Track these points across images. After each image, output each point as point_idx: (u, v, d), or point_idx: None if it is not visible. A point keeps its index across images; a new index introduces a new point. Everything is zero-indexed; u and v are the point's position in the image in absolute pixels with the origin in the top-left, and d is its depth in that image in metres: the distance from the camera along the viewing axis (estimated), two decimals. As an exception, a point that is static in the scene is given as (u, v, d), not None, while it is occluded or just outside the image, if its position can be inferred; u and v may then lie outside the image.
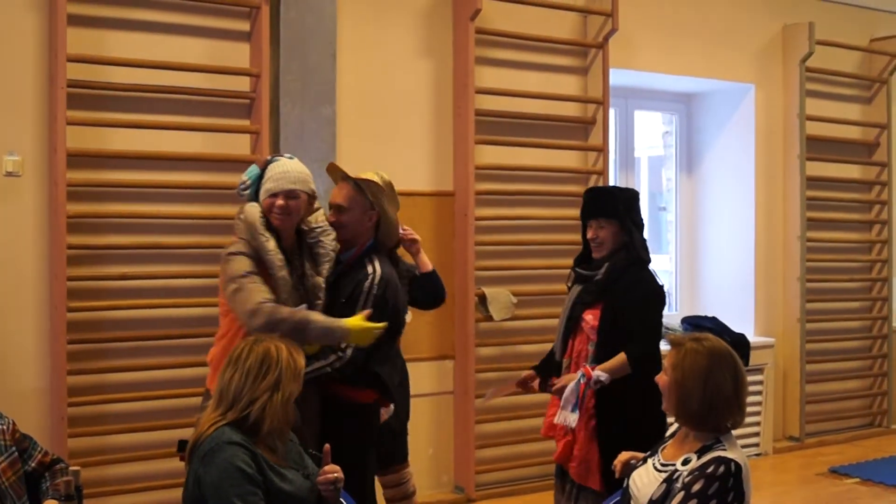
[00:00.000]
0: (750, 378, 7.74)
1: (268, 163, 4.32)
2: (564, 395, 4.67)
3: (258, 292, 4.02)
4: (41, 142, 5.39)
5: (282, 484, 3.42)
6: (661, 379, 3.52)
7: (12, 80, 5.35)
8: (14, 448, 3.65)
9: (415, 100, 6.63)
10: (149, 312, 5.64)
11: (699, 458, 3.37)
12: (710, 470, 3.31)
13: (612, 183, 7.52)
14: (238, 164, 5.90)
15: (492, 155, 6.85)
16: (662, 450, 3.60)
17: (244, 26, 5.96)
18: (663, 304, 4.84)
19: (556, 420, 4.74)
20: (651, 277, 4.83)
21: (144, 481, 5.59)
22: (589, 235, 4.86)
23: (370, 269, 4.39)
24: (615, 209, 4.80)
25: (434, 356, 6.57)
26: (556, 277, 7.03)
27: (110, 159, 5.57)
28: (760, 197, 8.34)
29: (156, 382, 5.63)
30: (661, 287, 4.85)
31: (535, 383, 5.05)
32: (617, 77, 7.45)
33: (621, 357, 4.62)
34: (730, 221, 8.45)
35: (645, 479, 3.51)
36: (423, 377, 6.37)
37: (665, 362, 3.53)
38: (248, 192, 4.30)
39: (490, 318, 6.74)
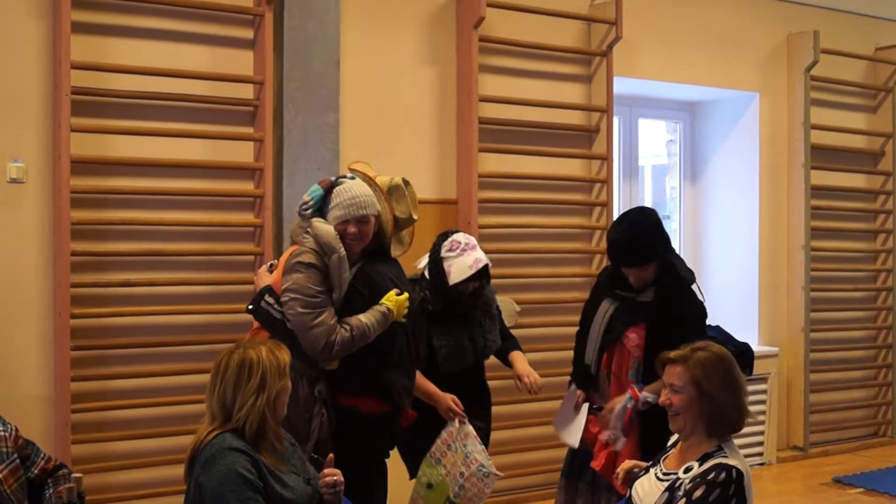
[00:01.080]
0: (754, 387, 7.92)
1: (332, 185, 4.36)
2: (613, 418, 4.65)
3: (328, 326, 4.16)
4: (45, 148, 5.39)
5: (282, 490, 3.42)
6: (675, 399, 3.47)
7: (17, 86, 5.35)
8: (16, 455, 3.65)
9: (418, 107, 6.63)
10: (152, 319, 5.63)
11: (701, 465, 3.37)
12: (710, 476, 3.31)
13: (615, 191, 7.48)
14: (241, 171, 5.93)
15: (495, 163, 6.85)
16: (664, 459, 3.60)
17: (248, 34, 5.96)
18: (706, 322, 4.86)
19: (602, 438, 4.73)
20: (695, 297, 4.81)
21: (147, 488, 5.58)
22: (632, 281, 4.74)
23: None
24: (653, 254, 4.69)
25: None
26: (560, 286, 7.06)
27: (114, 166, 5.57)
28: (764, 206, 8.33)
29: (159, 389, 5.63)
30: (703, 306, 4.85)
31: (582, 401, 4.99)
32: (621, 85, 7.45)
33: None
34: (734, 230, 8.44)
35: (647, 488, 3.51)
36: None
37: (671, 381, 3.50)
38: (309, 212, 4.35)
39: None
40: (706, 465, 3.36)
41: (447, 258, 4.80)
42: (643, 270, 4.71)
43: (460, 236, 4.89)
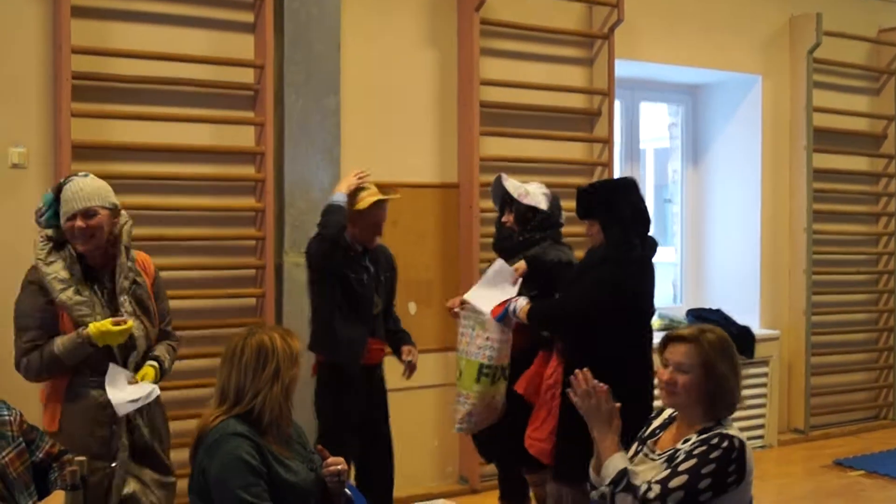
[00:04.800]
0: (755, 370, 7.93)
1: (61, 186, 4.17)
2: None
3: (21, 346, 4.09)
4: (46, 134, 5.39)
5: (286, 475, 3.43)
6: (680, 379, 3.43)
7: (17, 72, 5.35)
8: (21, 439, 3.67)
9: (419, 90, 6.62)
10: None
11: (700, 436, 3.37)
12: (714, 441, 3.30)
13: (616, 175, 7.48)
14: (243, 155, 5.93)
15: (496, 146, 6.84)
16: (655, 441, 3.57)
17: (248, 17, 5.95)
18: (613, 301, 4.53)
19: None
20: (610, 275, 4.55)
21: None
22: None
23: None
24: (589, 210, 4.68)
25: (438, 347, 6.55)
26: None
27: (115, 151, 5.57)
28: (767, 189, 8.32)
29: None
30: (617, 288, 4.55)
31: None
32: (622, 68, 7.43)
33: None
34: (736, 213, 8.43)
35: (641, 468, 3.48)
36: (427, 369, 6.34)
37: (678, 360, 3.46)
38: (44, 218, 4.18)
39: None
40: (706, 434, 3.36)
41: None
42: (588, 226, 4.71)
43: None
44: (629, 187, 4.73)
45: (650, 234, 4.72)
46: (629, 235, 4.58)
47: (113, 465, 4.08)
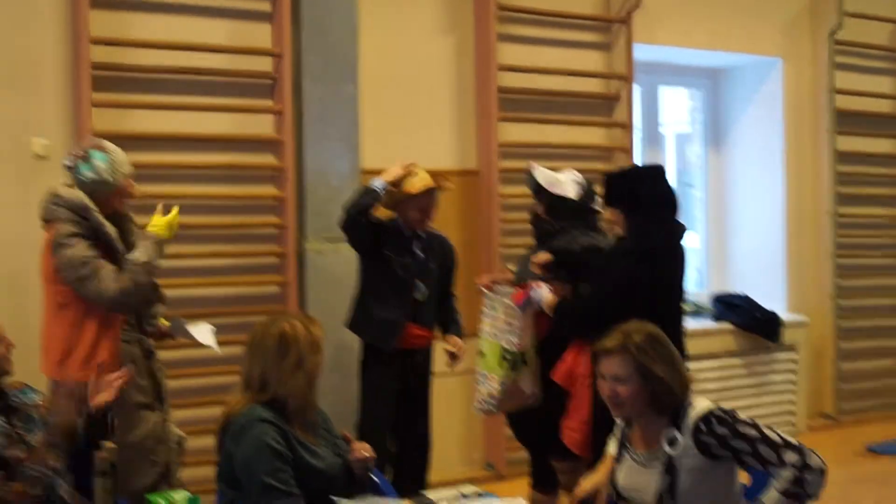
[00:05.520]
0: (783, 356, 7.90)
1: (99, 147, 4.36)
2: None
3: (111, 271, 4.17)
4: (67, 124, 5.44)
5: (312, 461, 3.45)
6: (622, 390, 3.36)
7: (38, 63, 5.40)
8: (48, 420, 3.71)
9: (437, 77, 6.62)
10: (176, 292, 5.59)
11: (682, 431, 3.29)
12: (712, 420, 3.23)
13: (636, 160, 7.44)
14: (262, 143, 5.94)
15: (516, 132, 6.83)
16: (630, 443, 3.51)
17: (266, 7, 5.98)
18: (633, 290, 4.41)
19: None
20: (629, 266, 4.45)
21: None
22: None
23: None
24: (612, 197, 4.61)
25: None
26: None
27: (135, 141, 5.58)
28: (790, 172, 8.25)
29: (186, 361, 5.64)
30: (638, 278, 4.43)
31: None
32: (641, 52, 7.40)
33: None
34: (759, 198, 8.37)
35: (634, 478, 3.41)
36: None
37: (614, 372, 3.38)
38: (87, 171, 4.30)
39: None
40: (692, 426, 3.26)
41: None
42: (610, 213, 4.62)
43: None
44: (656, 175, 4.65)
45: (677, 220, 4.63)
46: (650, 225, 4.50)
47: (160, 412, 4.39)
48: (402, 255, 5.17)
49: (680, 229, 4.64)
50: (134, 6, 5.63)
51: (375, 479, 3.79)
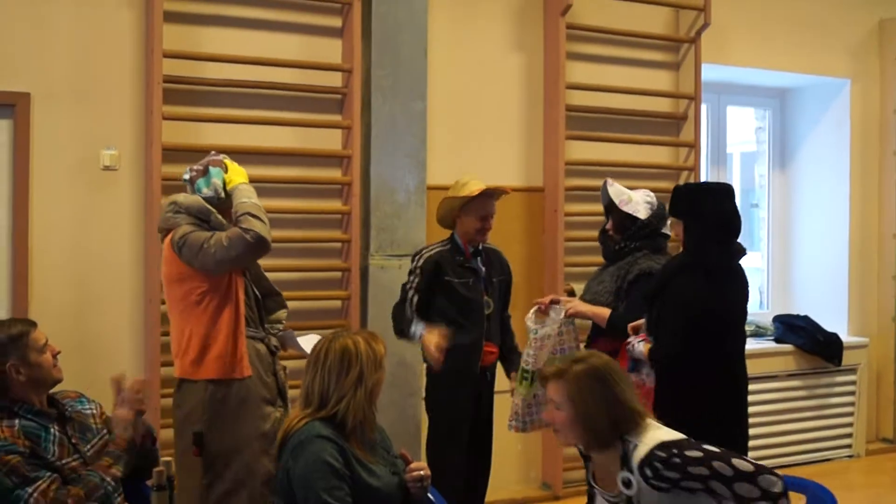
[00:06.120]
0: (842, 378, 7.82)
1: (219, 161, 4.50)
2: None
3: (227, 231, 4.26)
4: (137, 136, 5.50)
5: (369, 479, 3.44)
6: (557, 416, 3.32)
7: (110, 76, 5.47)
8: (105, 429, 3.75)
9: (505, 95, 6.62)
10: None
11: (630, 471, 3.20)
12: (656, 464, 3.14)
13: (702, 179, 7.43)
14: (330, 158, 5.98)
15: (582, 151, 6.82)
16: (596, 481, 3.43)
17: (336, 22, 6.01)
18: (699, 310, 4.44)
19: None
20: (687, 284, 4.47)
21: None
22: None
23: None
24: (676, 211, 4.66)
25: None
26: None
27: (204, 154, 5.59)
28: (855, 194, 8.17)
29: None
30: (700, 295, 4.46)
31: None
32: (709, 72, 7.36)
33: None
34: (823, 219, 8.29)
35: None
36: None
37: (552, 397, 3.34)
38: (205, 184, 4.43)
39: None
40: (636, 465, 3.18)
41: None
42: (673, 224, 4.72)
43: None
44: (721, 192, 4.63)
45: (737, 241, 4.61)
46: (708, 241, 4.49)
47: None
48: (462, 276, 5.15)
49: (739, 250, 4.62)
50: (206, 20, 5.68)
51: (432, 497, 3.81)
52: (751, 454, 3.38)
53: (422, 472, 3.62)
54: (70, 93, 5.40)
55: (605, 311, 4.93)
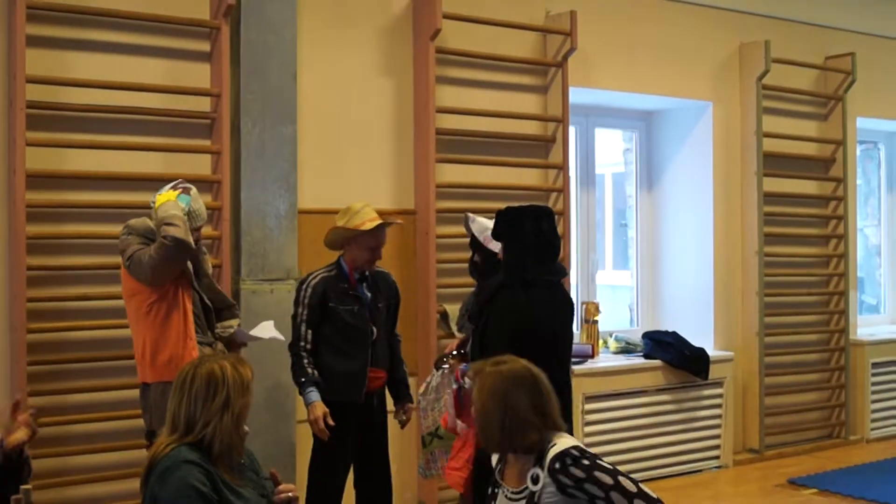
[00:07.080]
0: (710, 392, 8.02)
1: (187, 190, 4.87)
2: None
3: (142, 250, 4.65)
4: (0, 163, 5.38)
5: (237, 502, 3.41)
6: (473, 410, 3.50)
7: (-29, 101, 5.35)
8: None
9: (376, 118, 6.67)
10: (110, 333, 5.60)
11: (542, 468, 3.31)
12: (566, 459, 3.26)
13: (572, 200, 7.58)
14: (200, 184, 5.90)
15: (453, 173, 6.90)
16: (503, 478, 3.53)
17: (204, 46, 5.98)
18: (517, 324, 4.67)
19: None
20: (507, 298, 4.72)
21: (106, 502, 5.56)
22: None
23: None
24: (496, 230, 4.89)
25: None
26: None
27: (70, 180, 5.57)
28: (719, 212, 8.43)
29: (117, 403, 5.60)
30: (516, 309, 4.69)
31: None
32: (577, 95, 7.53)
33: None
34: (689, 237, 8.53)
35: None
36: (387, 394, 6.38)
37: (473, 395, 3.49)
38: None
39: (452, 335, 6.74)
40: (548, 461, 3.29)
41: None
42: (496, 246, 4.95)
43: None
44: (539, 215, 4.85)
45: (555, 261, 4.85)
46: (526, 259, 4.73)
47: None
48: (347, 304, 5.19)
49: (559, 270, 4.87)
50: (71, 45, 5.59)
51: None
52: (623, 468, 3.47)
53: (290, 494, 3.61)
54: (-70, 119, 5.27)
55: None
